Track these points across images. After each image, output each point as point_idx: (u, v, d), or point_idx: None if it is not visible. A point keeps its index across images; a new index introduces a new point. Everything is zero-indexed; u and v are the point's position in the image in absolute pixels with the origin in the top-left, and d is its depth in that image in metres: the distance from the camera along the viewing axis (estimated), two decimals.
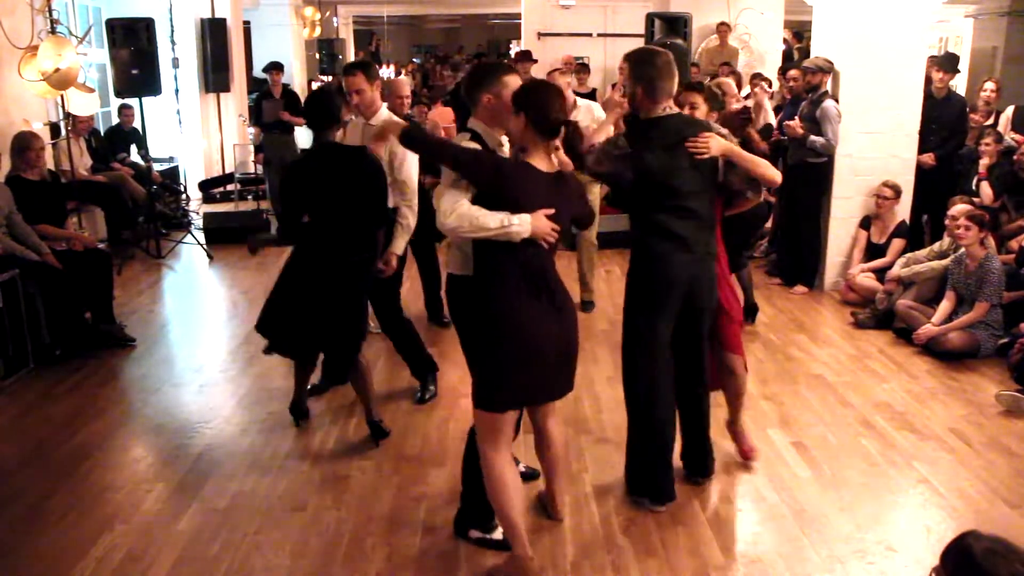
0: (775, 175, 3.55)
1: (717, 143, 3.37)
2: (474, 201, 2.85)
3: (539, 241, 2.87)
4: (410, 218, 4.34)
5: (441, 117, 9.25)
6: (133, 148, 9.08)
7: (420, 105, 8.12)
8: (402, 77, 11.82)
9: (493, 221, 2.79)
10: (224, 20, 10.71)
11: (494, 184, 2.84)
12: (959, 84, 10.26)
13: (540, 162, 2.93)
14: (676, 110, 3.51)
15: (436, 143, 3.35)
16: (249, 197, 10.17)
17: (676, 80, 3.45)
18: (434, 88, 16.23)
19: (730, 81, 6.55)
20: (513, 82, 3.08)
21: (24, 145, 5.68)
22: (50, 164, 6.72)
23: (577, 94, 7.86)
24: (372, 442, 4.13)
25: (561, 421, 3.35)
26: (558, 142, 2.96)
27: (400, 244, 4.31)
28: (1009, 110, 7.82)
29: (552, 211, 2.89)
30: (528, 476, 3.63)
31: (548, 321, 2.93)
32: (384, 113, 4.45)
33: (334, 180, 3.80)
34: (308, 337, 3.99)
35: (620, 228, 8.07)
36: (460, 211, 2.81)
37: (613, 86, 10.52)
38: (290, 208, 3.95)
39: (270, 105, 8.74)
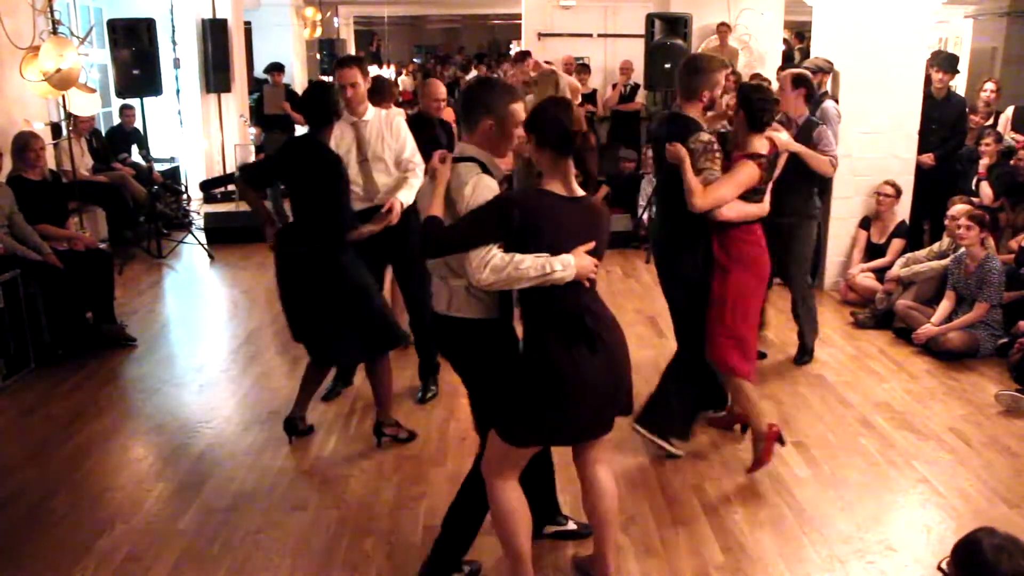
0: (695, 203, 3.57)
1: (673, 152, 3.65)
2: (506, 246, 2.57)
3: (581, 281, 2.61)
4: (419, 178, 4.31)
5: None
6: (134, 148, 9.08)
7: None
8: (435, 79, 11.76)
9: (533, 269, 2.51)
10: (225, 20, 10.71)
11: (520, 226, 2.55)
12: (959, 84, 10.25)
13: (559, 187, 2.65)
14: (683, 111, 3.80)
15: (451, 238, 2.67)
16: None
17: (686, 81, 3.76)
18: None
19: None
20: (519, 112, 2.78)
21: (23, 145, 5.70)
22: (51, 164, 6.73)
23: None
24: (373, 441, 4.13)
25: (610, 468, 2.94)
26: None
27: (407, 195, 4.28)
28: (1009, 110, 7.83)
29: (592, 245, 2.62)
30: (581, 534, 3.30)
31: (590, 368, 2.62)
32: (372, 111, 4.45)
33: (298, 174, 3.89)
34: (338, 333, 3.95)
35: (620, 228, 8.12)
36: (493, 263, 2.52)
37: (614, 86, 10.56)
38: (263, 168, 4.45)
39: (272, 93, 8.72)
